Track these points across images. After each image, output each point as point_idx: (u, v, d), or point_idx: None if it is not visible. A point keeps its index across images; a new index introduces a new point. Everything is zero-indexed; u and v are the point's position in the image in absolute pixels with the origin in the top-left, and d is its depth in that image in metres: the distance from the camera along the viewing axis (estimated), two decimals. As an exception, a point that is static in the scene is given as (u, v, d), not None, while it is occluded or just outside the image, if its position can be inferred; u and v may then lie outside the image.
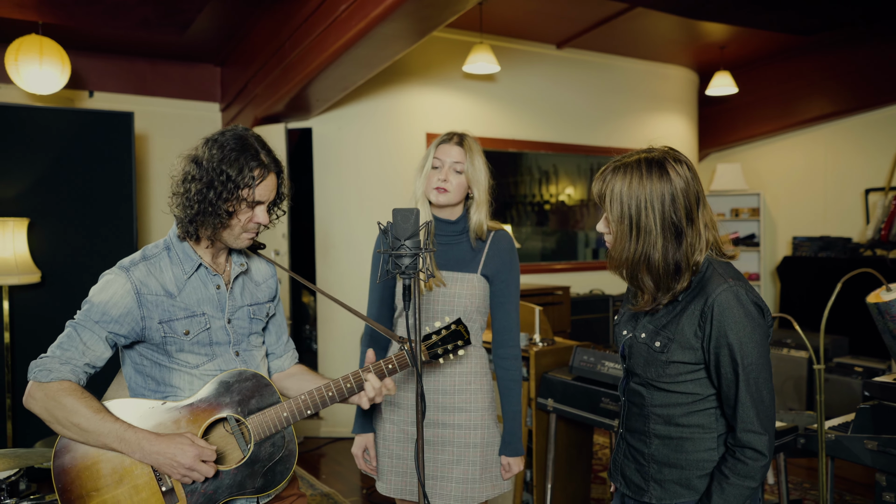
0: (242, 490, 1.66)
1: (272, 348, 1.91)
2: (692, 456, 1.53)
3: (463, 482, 2.05)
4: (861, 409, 2.53)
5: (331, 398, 1.73)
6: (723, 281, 1.47)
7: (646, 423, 1.59)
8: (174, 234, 1.73)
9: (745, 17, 5.12)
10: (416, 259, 1.44)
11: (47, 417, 1.56)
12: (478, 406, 2.08)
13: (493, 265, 2.09)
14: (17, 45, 4.16)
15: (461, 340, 1.85)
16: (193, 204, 1.61)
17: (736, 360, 1.44)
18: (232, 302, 1.76)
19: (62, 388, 1.56)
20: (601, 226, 1.56)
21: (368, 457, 2.19)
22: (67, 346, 1.60)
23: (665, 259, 1.47)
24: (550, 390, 3.26)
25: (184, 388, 1.68)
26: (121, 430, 1.56)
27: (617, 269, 1.54)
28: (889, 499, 2.36)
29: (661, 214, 1.45)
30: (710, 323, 1.45)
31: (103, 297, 1.62)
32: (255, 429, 1.67)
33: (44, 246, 4.15)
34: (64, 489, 1.56)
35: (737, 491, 1.45)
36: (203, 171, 1.61)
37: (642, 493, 1.60)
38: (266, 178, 1.65)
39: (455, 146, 2.07)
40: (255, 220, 1.67)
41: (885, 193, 5.95)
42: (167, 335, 1.65)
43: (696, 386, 1.52)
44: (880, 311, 2.37)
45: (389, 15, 3.35)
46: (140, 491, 1.58)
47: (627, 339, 1.63)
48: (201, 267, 1.72)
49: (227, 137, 1.65)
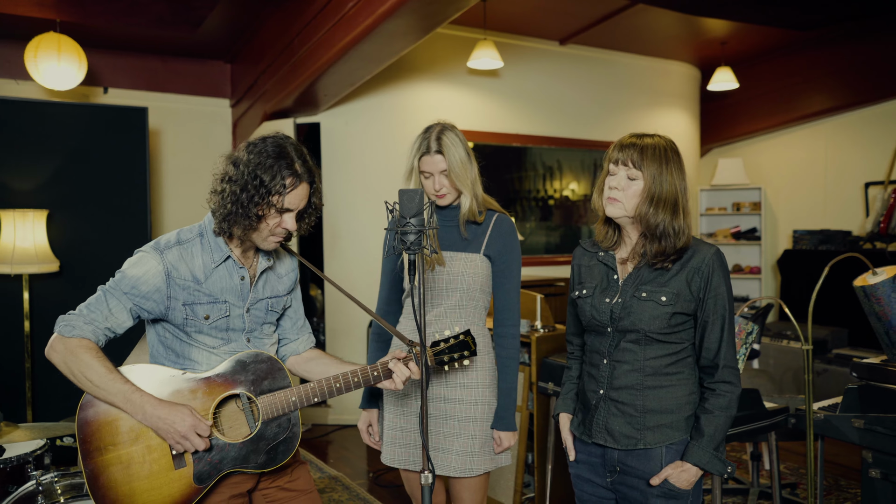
0: (245, 464, 1.77)
1: (286, 333, 2.02)
2: (681, 400, 1.78)
3: (463, 454, 2.15)
4: (849, 389, 2.64)
5: (338, 389, 1.83)
6: (710, 247, 1.78)
7: (638, 378, 1.78)
8: (209, 224, 1.82)
9: (745, 12, 5.21)
10: (421, 235, 1.55)
11: (64, 369, 1.69)
12: (479, 382, 2.19)
13: (496, 246, 2.19)
14: (36, 42, 4.30)
15: (467, 351, 1.93)
16: (227, 203, 1.71)
17: (721, 307, 1.75)
18: (254, 294, 1.86)
19: (81, 345, 1.68)
20: (620, 181, 1.77)
21: (372, 431, 2.31)
22: (94, 308, 1.73)
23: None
24: (551, 374, 3.37)
25: (202, 362, 1.80)
26: (128, 392, 1.68)
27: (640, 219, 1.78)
28: (875, 474, 2.46)
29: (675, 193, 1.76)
30: (708, 278, 1.75)
31: (136, 271, 1.74)
32: (264, 408, 1.78)
33: (62, 236, 4.29)
34: (84, 440, 1.68)
35: (722, 421, 1.74)
36: (239, 173, 1.70)
37: (634, 442, 1.77)
38: (297, 186, 1.73)
39: (436, 155, 2.13)
40: (283, 226, 1.76)
41: (884, 187, 6.03)
42: (188, 317, 1.76)
43: (686, 335, 1.78)
44: (866, 293, 2.47)
45: (395, 11, 3.47)
46: (153, 451, 1.70)
47: (617, 304, 1.79)
48: (230, 259, 1.82)
49: (268, 144, 1.74)
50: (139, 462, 1.70)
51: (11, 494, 2.47)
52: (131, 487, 1.69)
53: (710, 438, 1.73)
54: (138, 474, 1.69)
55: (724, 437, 1.75)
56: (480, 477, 2.20)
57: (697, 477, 1.75)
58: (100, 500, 1.68)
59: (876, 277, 2.45)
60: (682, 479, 1.73)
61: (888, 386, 2.55)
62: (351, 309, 5.17)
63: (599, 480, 1.87)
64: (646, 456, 1.77)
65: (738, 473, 4.12)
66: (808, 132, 6.84)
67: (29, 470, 2.59)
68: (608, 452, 1.83)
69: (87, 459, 1.68)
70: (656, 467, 1.76)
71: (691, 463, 1.73)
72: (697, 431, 1.75)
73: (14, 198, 4.19)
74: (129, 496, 1.69)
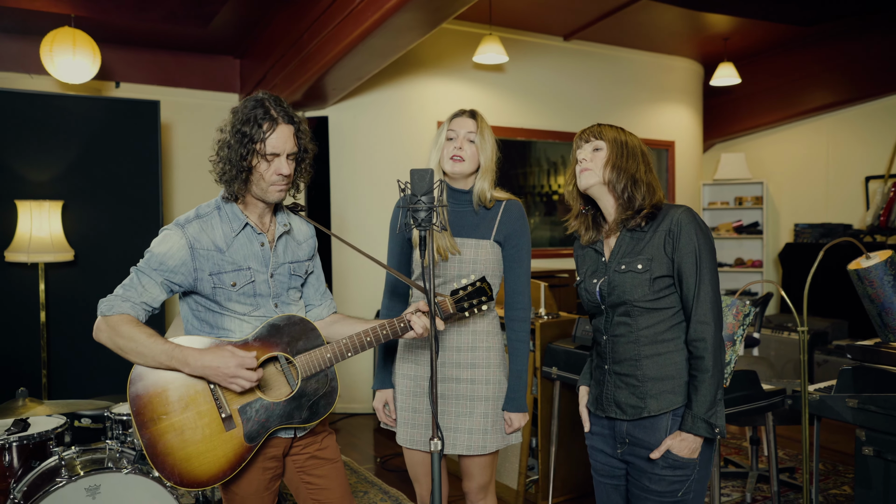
0: (290, 420, 1.88)
1: (310, 300, 2.12)
2: (679, 365, 1.85)
3: (475, 433, 2.23)
4: (843, 370, 2.72)
5: (369, 342, 1.93)
6: (679, 207, 1.88)
7: (635, 349, 1.86)
8: (222, 197, 1.94)
9: (747, 8, 5.28)
10: (431, 212, 1.64)
11: (111, 346, 1.79)
12: (489, 363, 2.26)
13: (505, 231, 2.26)
14: (51, 36, 4.40)
15: (485, 297, 2.02)
16: (223, 165, 1.84)
17: (695, 263, 1.81)
18: (275, 258, 1.96)
19: (121, 320, 1.78)
20: (587, 154, 1.93)
21: (388, 411, 2.38)
22: (129, 287, 1.83)
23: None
24: (554, 359, 3.46)
25: (234, 330, 1.90)
26: (170, 349, 1.77)
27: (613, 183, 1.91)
28: (868, 452, 2.54)
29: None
30: (677, 236, 1.82)
31: (162, 248, 1.84)
32: (302, 367, 1.88)
33: (76, 227, 4.39)
34: (138, 412, 1.78)
35: (706, 384, 1.79)
36: (226, 134, 1.84)
37: (640, 411, 1.85)
38: (276, 129, 1.82)
39: (468, 118, 2.24)
40: (276, 172, 1.85)
41: (884, 181, 6.10)
42: (216, 286, 1.86)
43: (673, 300, 1.85)
44: (860, 276, 2.56)
45: (402, 6, 3.55)
46: (203, 416, 1.80)
47: (603, 282, 1.90)
48: (248, 226, 1.92)
49: (247, 102, 1.87)
50: (192, 427, 1.79)
51: (35, 468, 2.58)
52: (187, 452, 1.79)
53: (698, 405, 1.79)
54: (192, 439, 1.79)
55: (714, 399, 1.79)
56: (491, 455, 2.28)
57: (698, 444, 1.81)
58: (159, 466, 1.78)
59: (869, 261, 2.53)
60: (684, 449, 1.80)
61: (881, 367, 2.63)
62: (357, 290, 5.27)
63: (611, 452, 1.96)
64: (651, 427, 1.84)
65: (737, 458, 4.20)
66: (809, 127, 6.91)
67: (51, 446, 2.69)
68: (617, 425, 1.91)
69: (143, 430, 1.78)
70: (661, 437, 1.83)
71: (686, 432, 1.80)
72: (688, 399, 1.82)
73: (30, 188, 4.30)
74: (186, 460, 1.79)
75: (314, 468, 2.04)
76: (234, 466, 1.84)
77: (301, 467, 2.04)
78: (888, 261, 2.49)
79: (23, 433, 2.60)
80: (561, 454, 3.59)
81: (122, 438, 2.84)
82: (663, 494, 1.84)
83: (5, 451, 2.58)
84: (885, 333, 2.58)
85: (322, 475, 2.05)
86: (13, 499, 2.46)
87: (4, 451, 2.58)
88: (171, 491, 2.50)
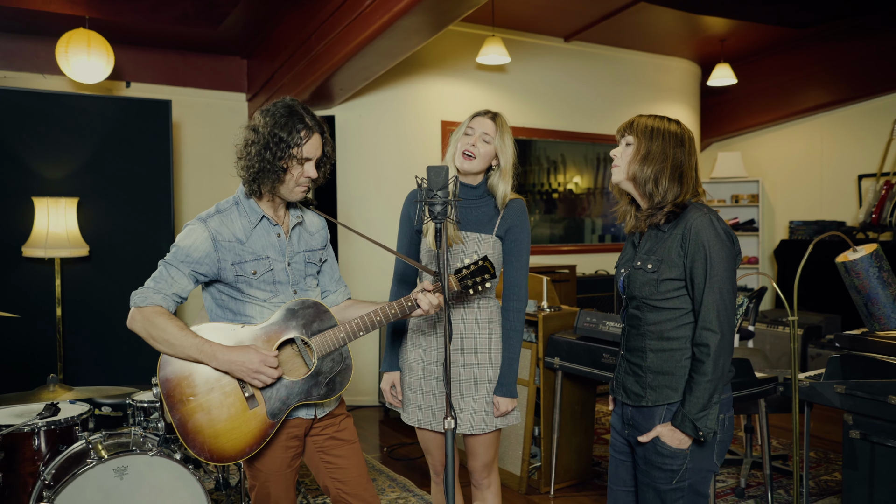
0: (309, 396, 2.02)
1: (326, 286, 2.25)
2: (681, 364, 1.91)
3: (476, 413, 2.37)
4: (832, 358, 2.86)
5: (379, 321, 2.07)
6: (698, 212, 1.89)
7: (643, 341, 1.97)
8: (241, 192, 2.08)
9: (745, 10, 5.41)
10: (446, 206, 1.77)
11: (145, 335, 1.92)
12: (490, 349, 2.40)
13: (507, 226, 2.39)
14: (67, 37, 4.52)
15: (487, 274, 2.14)
16: (254, 164, 1.97)
17: (706, 270, 1.84)
18: (290, 248, 2.10)
19: (155, 311, 1.91)
20: (619, 150, 1.99)
21: (395, 392, 2.52)
22: (159, 280, 1.96)
23: None
24: (557, 350, 3.59)
25: (255, 316, 2.03)
26: (200, 344, 1.91)
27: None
28: (855, 435, 2.68)
29: None
30: (689, 241, 1.86)
31: (187, 242, 1.98)
32: (317, 347, 2.02)
33: (90, 223, 4.52)
34: (168, 394, 1.92)
35: (701, 387, 1.83)
36: (259, 135, 1.97)
37: (640, 399, 1.96)
38: (311, 137, 1.99)
39: (488, 119, 2.36)
40: (305, 175, 2.01)
41: (876, 179, 6.24)
42: (238, 275, 2.00)
43: (682, 301, 1.91)
44: (847, 269, 2.69)
45: (412, 9, 3.67)
46: (228, 396, 1.94)
47: (627, 273, 2.01)
48: (264, 219, 2.06)
49: (278, 107, 2.00)
50: (218, 407, 1.93)
51: (63, 452, 2.70)
52: (215, 430, 1.93)
53: (690, 405, 1.84)
54: (219, 417, 1.93)
55: (706, 403, 1.83)
56: (493, 433, 2.42)
57: (686, 440, 1.87)
58: (190, 443, 1.92)
59: (856, 254, 2.66)
60: (673, 440, 1.88)
61: (867, 354, 2.77)
62: (363, 281, 5.40)
63: (622, 432, 2.09)
64: (649, 414, 1.95)
65: (732, 446, 4.35)
66: (804, 127, 7.06)
67: (77, 431, 2.82)
68: (624, 408, 2.04)
69: (174, 411, 1.92)
70: (653, 426, 1.94)
71: (673, 426, 1.88)
72: (683, 396, 1.88)
73: (46, 186, 4.42)
74: (215, 437, 1.93)
75: (333, 448, 2.18)
76: (258, 442, 1.97)
77: (321, 447, 2.17)
78: (873, 254, 2.63)
79: (51, 418, 2.73)
80: (562, 442, 3.73)
81: (143, 424, 2.97)
82: (658, 479, 1.93)
83: (35, 436, 2.71)
84: (871, 323, 2.71)
85: (341, 455, 2.18)
86: (43, 480, 2.58)
87: (34, 435, 2.71)
88: (193, 473, 2.63)
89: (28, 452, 2.69)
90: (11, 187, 4.35)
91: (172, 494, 2.59)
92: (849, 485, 2.72)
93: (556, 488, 3.71)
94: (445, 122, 5.76)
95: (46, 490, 2.47)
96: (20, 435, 2.67)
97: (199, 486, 2.63)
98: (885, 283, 2.60)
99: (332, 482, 2.18)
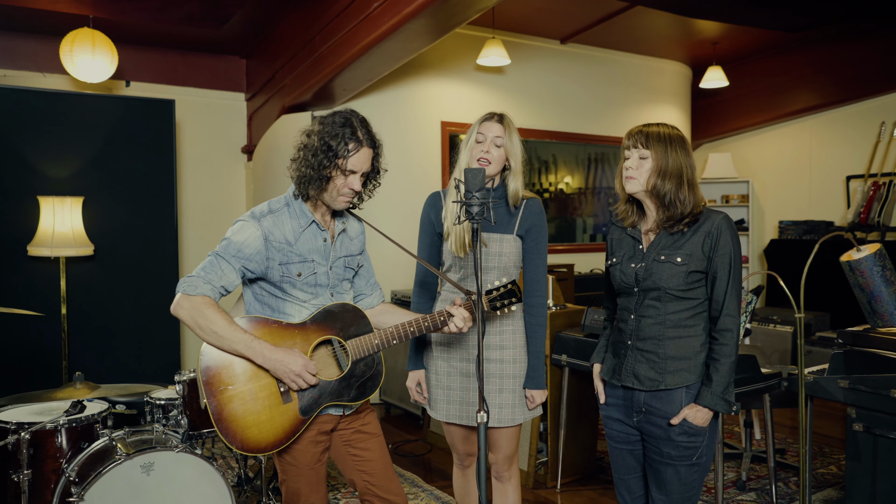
0: (340, 398, 2.07)
1: (361, 290, 2.31)
2: (696, 348, 2.08)
3: (503, 407, 2.45)
4: (835, 354, 2.96)
5: (412, 332, 2.14)
6: (719, 213, 2.09)
7: (661, 329, 2.08)
8: (291, 193, 2.13)
9: (740, 14, 5.53)
10: (484, 207, 1.84)
11: (191, 323, 1.96)
12: (515, 344, 2.48)
13: (527, 226, 2.47)
14: (72, 36, 4.52)
15: (514, 298, 2.25)
16: (302, 167, 2.03)
17: (727, 264, 2.05)
18: (334, 253, 2.16)
19: (204, 302, 1.96)
20: (634, 162, 2.11)
21: (420, 389, 2.58)
22: (209, 271, 2.00)
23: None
24: (564, 347, 3.67)
25: (294, 315, 2.09)
26: (248, 340, 1.96)
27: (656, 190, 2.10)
28: (858, 428, 2.78)
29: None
30: (716, 239, 2.05)
31: (240, 237, 2.02)
32: (352, 350, 2.08)
33: (95, 222, 4.51)
34: (208, 382, 1.96)
35: (727, 368, 2.04)
36: (311, 141, 2.03)
37: (657, 384, 2.08)
38: (359, 151, 2.03)
39: (496, 123, 2.45)
40: (348, 187, 2.06)
41: (864, 180, 6.40)
42: (284, 275, 2.05)
43: (700, 292, 2.08)
44: (851, 267, 2.80)
45: (421, 12, 3.73)
46: (264, 389, 1.99)
47: (640, 267, 2.12)
48: (313, 223, 2.12)
49: (336, 116, 2.06)
50: (253, 398, 1.98)
51: (85, 449, 2.73)
52: (248, 421, 1.98)
53: (717, 384, 2.03)
54: (254, 409, 1.98)
55: (730, 381, 2.05)
56: (516, 427, 2.50)
57: (710, 416, 2.06)
58: (223, 431, 1.97)
59: (860, 253, 2.77)
60: (698, 419, 2.05)
61: (870, 350, 2.88)
62: (385, 279, 5.43)
63: (627, 420, 2.18)
64: (667, 398, 2.08)
65: (731, 440, 4.46)
66: (793, 128, 7.21)
67: (98, 429, 2.84)
68: (635, 395, 2.14)
69: (211, 398, 1.96)
70: (676, 408, 2.07)
71: (702, 405, 2.05)
72: (707, 378, 2.05)
73: (51, 185, 4.41)
74: (248, 428, 1.98)
75: (359, 441, 2.23)
76: (289, 436, 2.03)
77: (347, 441, 2.23)
78: (877, 253, 2.73)
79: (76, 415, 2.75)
80: (569, 438, 3.81)
81: (163, 422, 3.00)
82: (679, 458, 2.08)
83: (58, 433, 2.73)
84: (873, 319, 2.82)
85: (366, 448, 2.24)
86: (68, 477, 2.61)
87: (57, 432, 2.73)
88: (217, 468, 2.67)
89: (51, 449, 2.71)
90: (15, 186, 4.34)
91: (197, 489, 2.63)
92: (852, 476, 2.82)
93: (563, 482, 3.79)
94: (445, 122, 5.82)
95: (75, 487, 2.50)
96: (43, 432, 2.69)
97: (222, 481, 2.68)
98: (888, 281, 2.71)
99: (360, 475, 2.23)
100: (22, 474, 2.55)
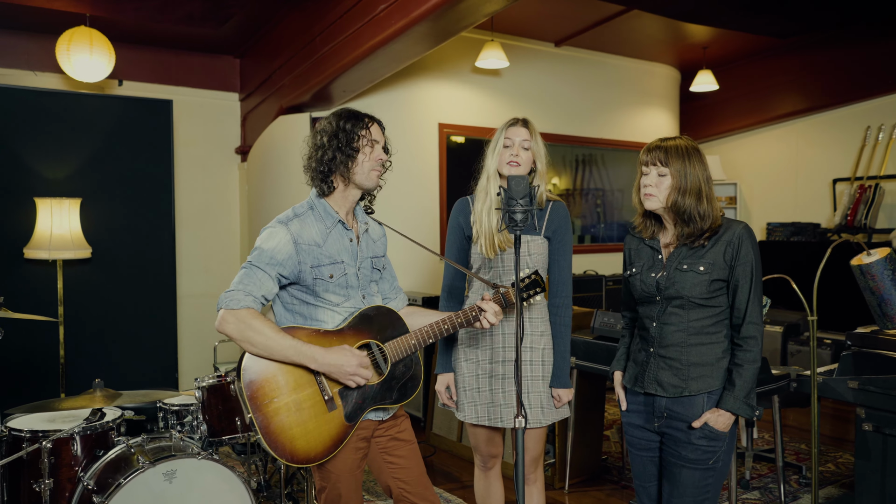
0: (382, 401, 2.07)
1: (386, 293, 2.31)
2: (718, 354, 2.12)
3: (532, 409, 2.47)
4: (844, 355, 3.03)
5: (446, 329, 2.14)
6: (740, 223, 2.13)
7: (683, 337, 2.12)
8: (315, 195, 2.13)
9: (736, 21, 5.61)
10: (528, 214, 1.85)
11: (239, 337, 1.92)
12: (542, 346, 2.50)
13: (553, 227, 2.51)
14: (68, 35, 4.44)
15: (539, 288, 2.27)
16: (328, 153, 2.05)
17: (749, 272, 2.09)
18: (361, 253, 2.16)
19: (249, 314, 1.93)
20: (653, 179, 2.14)
21: (450, 393, 2.59)
22: (247, 282, 1.97)
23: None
24: (574, 350, 3.69)
25: (327, 321, 2.07)
26: (298, 345, 1.94)
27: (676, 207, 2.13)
28: (867, 427, 2.85)
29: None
30: (737, 249, 2.08)
31: (270, 244, 2.00)
32: (391, 353, 2.08)
33: (92, 224, 4.44)
34: (252, 396, 1.94)
35: (750, 373, 2.08)
36: (325, 132, 2.08)
37: (681, 391, 2.11)
38: (373, 125, 2.13)
39: (522, 127, 2.50)
40: (377, 157, 2.10)
41: (850, 183, 6.54)
42: (317, 278, 2.04)
43: (722, 300, 2.12)
44: (862, 271, 2.86)
45: (429, 15, 3.73)
46: (308, 399, 1.98)
47: (661, 276, 2.14)
48: (340, 223, 2.11)
49: (338, 112, 2.13)
50: (298, 409, 1.97)
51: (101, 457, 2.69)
52: (295, 432, 1.96)
53: (740, 388, 2.06)
54: (300, 419, 1.96)
55: (753, 386, 2.08)
56: (543, 428, 2.52)
57: (732, 421, 2.10)
58: (272, 444, 1.94)
59: (871, 257, 2.83)
60: (720, 423, 2.08)
61: (878, 351, 2.95)
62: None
63: (648, 426, 2.21)
64: (689, 403, 2.11)
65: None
66: (781, 131, 7.34)
67: (113, 436, 2.81)
68: (657, 401, 2.17)
69: (257, 412, 1.93)
70: (698, 412, 2.10)
71: (725, 409, 2.08)
72: (730, 383, 2.08)
73: (47, 186, 4.33)
74: (296, 439, 1.96)
75: (395, 449, 2.23)
76: (336, 444, 2.02)
77: (383, 448, 2.22)
78: (888, 257, 2.80)
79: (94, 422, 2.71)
80: (576, 440, 3.84)
81: (177, 428, 2.97)
82: (697, 462, 2.11)
83: (73, 441, 2.69)
84: (883, 322, 2.89)
85: (402, 455, 2.24)
86: (86, 485, 2.57)
87: (72, 440, 2.68)
88: (239, 475, 2.65)
89: (67, 458, 2.68)
90: (10, 187, 4.25)
91: (220, 496, 2.61)
92: (861, 475, 2.89)
93: (571, 483, 3.82)
94: (443, 124, 5.82)
95: (96, 496, 2.46)
96: (60, 440, 2.64)
97: (244, 487, 2.66)
98: (899, 284, 2.77)
99: (395, 482, 2.23)
100: (43, 483, 2.51)
